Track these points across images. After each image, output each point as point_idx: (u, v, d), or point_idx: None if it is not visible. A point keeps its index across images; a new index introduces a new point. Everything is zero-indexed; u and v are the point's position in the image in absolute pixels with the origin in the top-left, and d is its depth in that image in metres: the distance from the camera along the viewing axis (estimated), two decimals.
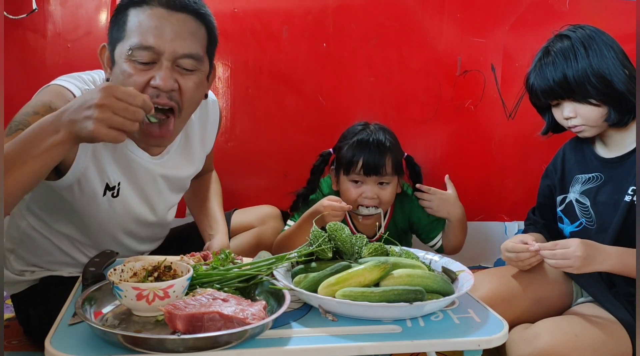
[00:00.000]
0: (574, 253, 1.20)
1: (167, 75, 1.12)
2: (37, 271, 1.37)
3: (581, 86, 1.32)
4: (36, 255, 1.36)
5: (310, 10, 1.97)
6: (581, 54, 1.33)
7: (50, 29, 1.83)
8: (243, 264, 1.08)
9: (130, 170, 1.27)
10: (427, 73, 2.07)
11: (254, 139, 2.01)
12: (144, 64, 1.12)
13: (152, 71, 1.12)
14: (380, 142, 1.59)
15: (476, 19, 2.06)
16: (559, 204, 1.51)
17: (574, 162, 1.50)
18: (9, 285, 1.39)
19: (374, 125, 1.66)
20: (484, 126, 2.13)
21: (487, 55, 2.08)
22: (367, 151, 1.58)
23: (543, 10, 2.08)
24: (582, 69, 1.32)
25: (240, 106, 1.99)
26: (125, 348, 0.80)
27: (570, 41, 1.36)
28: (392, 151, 1.60)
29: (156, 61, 1.12)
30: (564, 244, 1.24)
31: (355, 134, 1.63)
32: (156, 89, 1.12)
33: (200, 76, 1.19)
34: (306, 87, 2.01)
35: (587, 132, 1.39)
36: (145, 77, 1.12)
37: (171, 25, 1.12)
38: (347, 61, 2.02)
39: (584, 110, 1.35)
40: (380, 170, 1.58)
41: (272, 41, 1.97)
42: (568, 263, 1.21)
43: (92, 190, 1.23)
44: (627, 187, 1.33)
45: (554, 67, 1.35)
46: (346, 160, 1.60)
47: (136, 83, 1.12)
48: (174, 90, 1.14)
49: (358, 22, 2.00)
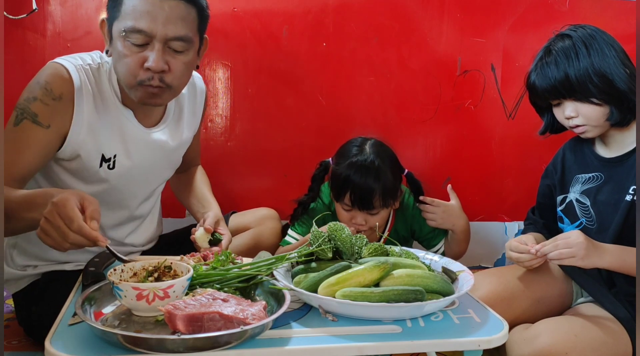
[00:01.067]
0: (576, 240, 1.21)
1: (158, 57, 1.20)
2: (39, 265, 1.38)
3: (583, 85, 1.31)
4: (38, 245, 1.36)
5: (310, 10, 1.97)
6: (583, 53, 1.32)
7: (50, 29, 1.83)
8: (243, 264, 1.08)
9: (126, 142, 1.33)
10: (427, 73, 2.07)
11: (254, 139, 2.01)
12: (138, 46, 1.20)
13: (145, 52, 1.20)
14: (371, 177, 1.51)
15: (476, 19, 2.06)
16: (559, 204, 1.50)
17: (574, 161, 1.49)
18: (11, 283, 1.39)
19: (370, 147, 1.58)
20: (484, 126, 2.13)
21: (487, 55, 2.08)
22: (356, 185, 1.52)
23: (543, 10, 2.08)
24: (583, 68, 1.31)
25: (240, 106, 1.99)
26: (125, 348, 0.80)
27: (572, 40, 1.35)
28: (383, 184, 1.52)
29: (149, 43, 1.20)
30: (564, 235, 1.25)
31: (349, 157, 1.56)
32: (149, 70, 1.20)
33: (189, 55, 1.27)
34: (306, 87, 2.01)
35: (590, 133, 1.38)
36: (138, 59, 1.20)
37: (163, 11, 1.19)
38: (347, 61, 2.02)
39: (585, 110, 1.34)
40: (368, 205, 1.53)
41: (272, 41, 1.96)
42: (571, 251, 1.21)
43: (89, 162, 1.29)
44: (627, 187, 1.33)
45: (555, 66, 1.34)
46: (336, 188, 1.57)
47: (130, 65, 1.21)
48: (164, 71, 1.22)
49: (358, 22, 2.00)
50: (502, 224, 2.21)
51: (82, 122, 1.26)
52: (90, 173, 1.31)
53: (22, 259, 1.38)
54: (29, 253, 1.38)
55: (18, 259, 1.38)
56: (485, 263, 2.21)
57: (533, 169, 2.06)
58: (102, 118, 1.29)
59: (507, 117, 2.13)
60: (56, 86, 1.22)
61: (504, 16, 2.08)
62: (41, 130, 1.21)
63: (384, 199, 1.54)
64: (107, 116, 1.30)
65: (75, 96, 1.24)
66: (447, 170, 2.14)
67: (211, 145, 1.99)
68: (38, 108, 1.21)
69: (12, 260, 1.39)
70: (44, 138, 1.22)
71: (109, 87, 1.30)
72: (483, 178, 2.17)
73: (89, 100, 1.26)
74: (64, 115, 1.24)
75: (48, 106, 1.22)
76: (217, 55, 1.95)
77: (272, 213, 1.76)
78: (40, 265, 1.38)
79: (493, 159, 2.16)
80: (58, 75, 1.23)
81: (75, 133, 1.25)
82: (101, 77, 1.30)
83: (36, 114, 1.21)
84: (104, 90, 1.30)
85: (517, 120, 2.13)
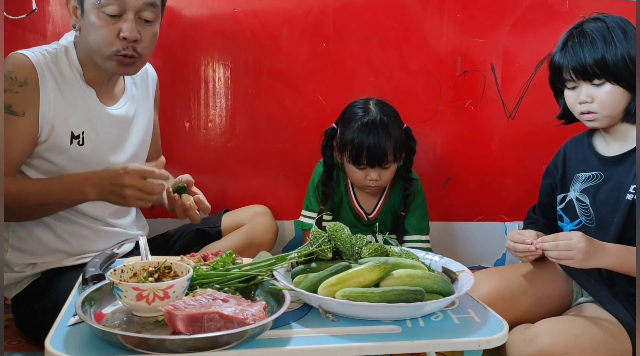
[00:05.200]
0: (577, 244, 1.20)
1: (132, 27, 1.30)
2: (38, 263, 1.38)
3: (617, 69, 1.29)
4: (32, 239, 1.38)
5: (310, 10, 1.97)
6: (619, 37, 1.31)
7: (50, 29, 1.83)
8: (243, 264, 1.08)
9: (91, 119, 1.40)
10: (427, 73, 2.07)
11: (254, 139, 2.01)
12: (112, 17, 1.29)
13: (119, 24, 1.30)
14: (382, 135, 1.64)
15: (476, 19, 2.06)
16: (559, 203, 1.50)
17: (575, 160, 1.49)
18: (11, 287, 1.39)
19: (374, 106, 1.69)
20: (484, 126, 2.13)
21: (487, 55, 2.08)
22: (370, 145, 1.63)
23: (543, 10, 2.08)
24: (620, 53, 1.29)
25: (240, 106, 1.99)
26: (125, 348, 0.80)
27: (606, 24, 1.33)
28: (393, 137, 1.65)
29: (122, 14, 1.30)
30: (565, 236, 1.24)
31: (357, 120, 1.67)
32: (124, 40, 1.30)
33: (156, 26, 1.38)
34: (306, 87, 2.01)
35: (598, 122, 1.36)
36: (113, 30, 1.30)
37: None
38: (347, 61, 2.02)
39: (603, 96, 1.32)
40: (383, 161, 1.65)
41: (272, 41, 1.96)
42: (570, 254, 1.21)
43: (60, 139, 1.34)
44: (627, 185, 1.33)
45: (592, 45, 1.31)
46: (348, 150, 1.67)
47: (106, 35, 1.30)
48: (137, 41, 1.32)
49: (358, 22, 2.00)
50: (502, 224, 2.20)
51: (48, 103, 1.32)
52: (62, 150, 1.35)
53: (19, 258, 1.38)
54: (25, 250, 1.38)
55: (14, 260, 1.38)
56: (485, 263, 2.21)
57: (533, 169, 2.06)
58: (67, 97, 1.35)
59: (507, 117, 2.13)
60: (19, 73, 1.29)
61: (504, 16, 2.08)
62: (19, 119, 1.28)
63: (395, 153, 1.68)
64: (71, 95, 1.36)
65: (40, 79, 1.30)
66: (447, 170, 2.14)
67: (211, 146, 1.99)
68: (9, 98, 1.27)
69: (9, 264, 1.39)
70: (22, 126, 1.29)
71: (69, 68, 1.37)
72: (483, 178, 2.17)
73: (51, 81, 1.33)
74: (33, 100, 1.30)
75: (17, 94, 1.28)
76: (217, 55, 1.95)
77: (264, 209, 1.79)
78: (39, 262, 1.38)
79: (493, 159, 2.16)
80: (20, 63, 1.30)
81: (44, 115, 1.31)
82: (59, 60, 1.36)
83: (10, 105, 1.27)
84: (65, 71, 1.36)
85: (517, 120, 2.13)
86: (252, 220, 1.72)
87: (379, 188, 1.76)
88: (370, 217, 1.82)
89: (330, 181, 1.80)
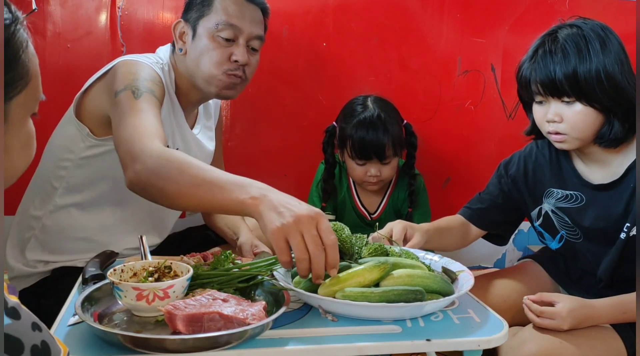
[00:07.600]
0: (561, 313, 1.11)
1: (244, 51, 1.39)
2: (50, 262, 1.38)
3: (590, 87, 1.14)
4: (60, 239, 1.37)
5: (310, 10, 1.97)
6: (595, 50, 1.15)
7: (50, 29, 1.83)
8: (243, 264, 1.08)
9: (184, 139, 1.48)
10: (427, 73, 2.07)
11: (254, 139, 2.01)
12: (226, 41, 1.37)
13: (231, 48, 1.38)
14: (380, 131, 1.66)
15: (476, 19, 2.06)
16: (535, 219, 1.39)
17: (549, 174, 1.35)
18: (20, 279, 1.39)
19: (372, 103, 1.72)
20: (484, 126, 2.13)
21: (487, 55, 2.08)
22: (368, 141, 1.66)
23: (543, 10, 2.08)
24: (595, 68, 1.13)
25: (240, 106, 1.98)
26: (125, 348, 0.80)
27: (583, 32, 1.18)
28: (391, 132, 1.68)
29: (235, 39, 1.38)
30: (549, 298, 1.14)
31: (355, 116, 1.70)
32: (235, 62, 1.38)
33: (257, 56, 1.47)
34: (306, 87, 2.01)
35: (567, 144, 1.21)
36: (226, 53, 1.38)
37: (249, 12, 1.40)
38: (347, 61, 2.02)
39: (573, 116, 1.17)
40: (382, 156, 1.68)
41: (272, 41, 1.96)
42: (554, 324, 1.12)
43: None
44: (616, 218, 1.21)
45: (563, 57, 1.16)
46: (348, 146, 1.70)
47: (219, 57, 1.37)
48: (246, 65, 1.40)
49: (358, 22, 2.00)
50: None
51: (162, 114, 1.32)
52: None
53: (35, 254, 1.38)
54: (47, 246, 1.38)
55: (30, 254, 1.38)
56: (485, 263, 2.21)
57: None
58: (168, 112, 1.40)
59: (507, 117, 2.13)
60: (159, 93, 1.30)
61: (504, 16, 2.08)
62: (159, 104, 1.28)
63: (394, 148, 1.70)
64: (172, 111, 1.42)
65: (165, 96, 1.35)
66: (447, 170, 2.14)
67: None
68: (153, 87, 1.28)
69: (23, 256, 1.38)
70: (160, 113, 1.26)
71: (171, 85, 1.42)
72: (483, 178, 2.16)
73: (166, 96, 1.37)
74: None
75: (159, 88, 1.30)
76: None
77: None
78: (51, 262, 1.38)
79: (493, 159, 2.16)
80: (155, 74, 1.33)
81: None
82: (168, 77, 1.41)
83: (153, 90, 1.28)
84: (169, 88, 1.41)
85: (517, 120, 2.13)
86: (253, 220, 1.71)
87: (380, 185, 1.77)
88: (373, 216, 1.82)
89: (331, 178, 1.81)
